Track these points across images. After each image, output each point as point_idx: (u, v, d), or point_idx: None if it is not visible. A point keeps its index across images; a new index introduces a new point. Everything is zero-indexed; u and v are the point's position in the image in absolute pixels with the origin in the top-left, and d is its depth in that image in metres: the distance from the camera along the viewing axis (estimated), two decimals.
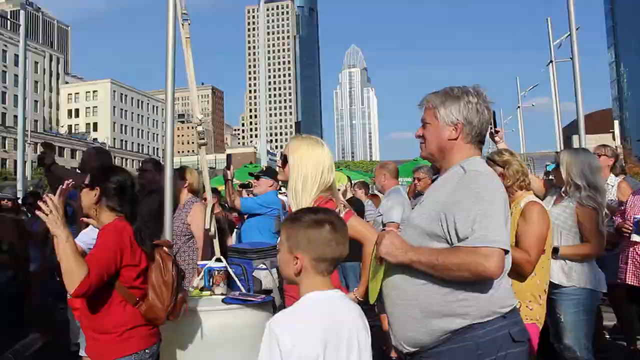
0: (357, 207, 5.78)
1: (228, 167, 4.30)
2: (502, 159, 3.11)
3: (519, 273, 2.83)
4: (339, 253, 1.69)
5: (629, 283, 4.06)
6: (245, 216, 5.17)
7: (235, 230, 6.37)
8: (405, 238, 1.97)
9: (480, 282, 1.81)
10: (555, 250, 3.24)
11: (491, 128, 3.55)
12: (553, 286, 3.25)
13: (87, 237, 2.92)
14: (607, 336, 5.08)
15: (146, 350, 2.36)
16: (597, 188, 3.34)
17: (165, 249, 2.48)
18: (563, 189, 3.46)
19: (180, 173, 4.44)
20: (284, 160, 2.54)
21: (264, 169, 5.48)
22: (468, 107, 1.99)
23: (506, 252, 1.77)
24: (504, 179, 3.01)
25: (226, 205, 5.98)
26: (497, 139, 3.58)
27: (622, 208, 4.34)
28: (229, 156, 4.34)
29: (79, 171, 4.43)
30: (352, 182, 8.35)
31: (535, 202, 3.00)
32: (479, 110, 1.99)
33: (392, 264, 1.95)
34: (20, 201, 8.48)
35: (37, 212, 2.20)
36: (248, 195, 6.05)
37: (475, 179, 1.85)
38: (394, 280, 1.95)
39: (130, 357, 2.30)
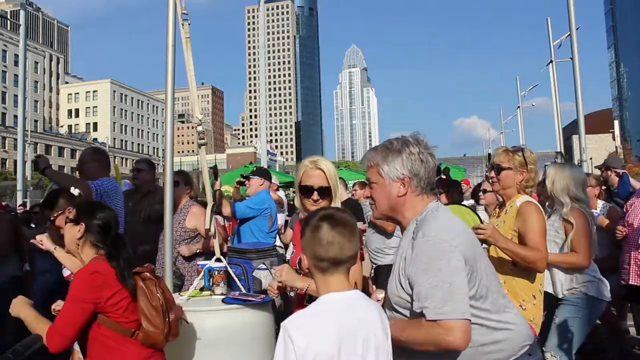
0: (355, 208, 5.75)
1: (216, 178, 4.32)
2: (532, 158, 3.07)
3: (534, 270, 2.85)
4: (333, 253, 1.68)
5: (633, 284, 4.08)
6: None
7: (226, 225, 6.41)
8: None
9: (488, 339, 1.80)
10: None
11: (486, 172, 3.57)
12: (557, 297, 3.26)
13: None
14: (605, 336, 5.08)
15: None
16: (582, 201, 3.33)
17: (147, 274, 2.43)
18: (548, 203, 3.46)
19: (186, 178, 4.47)
20: (325, 190, 2.54)
21: (254, 170, 5.55)
22: (411, 158, 1.90)
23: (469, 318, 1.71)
24: (519, 172, 3.02)
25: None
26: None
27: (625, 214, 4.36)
28: (215, 167, 4.37)
29: (77, 171, 4.43)
30: (351, 182, 8.37)
31: (530, 201, 2.99)
32: (423, 160, 1.91)
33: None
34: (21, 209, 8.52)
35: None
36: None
37: (422, 247, 1.78)
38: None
39: None
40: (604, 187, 5.76)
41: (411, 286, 1.78)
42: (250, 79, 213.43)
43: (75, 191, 3.27)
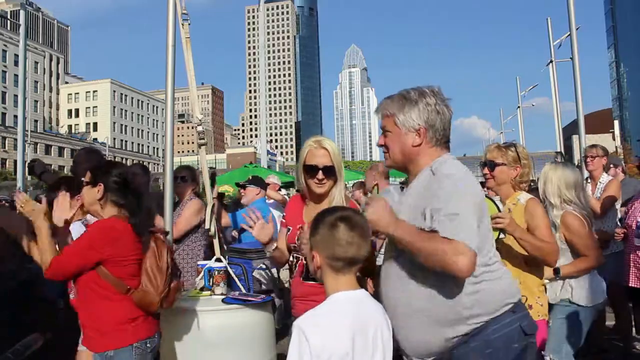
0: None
1: (212, 185, 4.23)
2: (525, 153, 3.08)
3: (547, 263, 2.88)
4: (352, 253, 1.71)
5: (633, 286, 4.06)
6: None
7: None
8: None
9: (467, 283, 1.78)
10: (556, 271, 3.18)
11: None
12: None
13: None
14: (607, 336, 5.08)
15: (147, 344, 2.37)
16: (574, 204, 3.25)
17: (161, 236, 2.48)
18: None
19: (192, 174, 4.43)
20: (330, 170, 2.50)
21: (250, 178, 5.52)
22: (428, 109, 1.92)
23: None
24: (513, 168, 3.01)
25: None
26: None
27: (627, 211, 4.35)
28: (213, 174, 4.30)
29: (72, 173, 4.43)
30: (351, 182, 8.37)
31: (534, 198, 3.01)
32: (439, 111, 1.93)
33: (390, 274, 1.96)
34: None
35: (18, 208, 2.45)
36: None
37: (444, 181, 1.80)
38: (395, 291, 1.92)
39: (130, 347, 2.31)
40: None
41: (432, 216, 1.77)
42: (250, 79, 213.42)
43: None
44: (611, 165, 5.50)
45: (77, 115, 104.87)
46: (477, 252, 1.70)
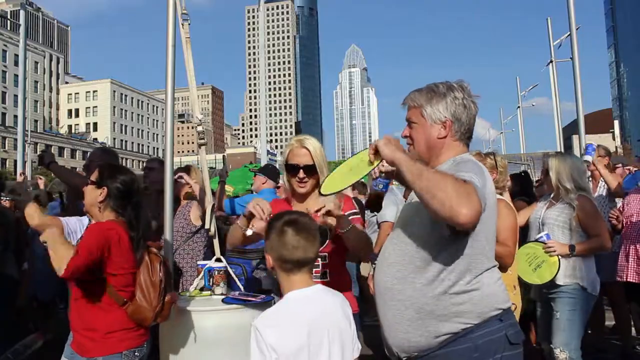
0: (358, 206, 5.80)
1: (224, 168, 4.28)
2: (503, 163, 3.38)
3: (501, 265, 2.95)
4: (298, 256, 1.80)
5: (631, 280, 4.07)
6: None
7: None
8: (395, 231, 2.00)
9: (466, 269, 1.78)
10: (571, 248, 3.34)
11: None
12: (553, 285, 3.29)
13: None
14: (606, 336, 5.08)
15: (136, 353, 2.36)
16: (585, 189, 3.50)
17: (154, 249, 2.47)
18: (552, 195, 3.55)
19: (185, 172, 4.44)
20: (311, 169, 2.47)
21: (261, 167, 5.52)
22: (455, 103, 1.94)
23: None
24: (490, 173, 3.21)
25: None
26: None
27: (619, 207, 4.38)
28: (224, 157, 4.36)
29: (85, 171, 4.43)
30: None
31: (501, 198, 3.14)
32: (466, 106, 1.95)
33: (385, 262, 1.95)
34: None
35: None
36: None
37: (463, 164, 1.84)
38: (387, 281, 1.91)
39: (119, 355, 2.30)
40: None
41: None
42: (250, 79, 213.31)
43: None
44: (619, 165, 5.57)
45: (77, 115, 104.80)
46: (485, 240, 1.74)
